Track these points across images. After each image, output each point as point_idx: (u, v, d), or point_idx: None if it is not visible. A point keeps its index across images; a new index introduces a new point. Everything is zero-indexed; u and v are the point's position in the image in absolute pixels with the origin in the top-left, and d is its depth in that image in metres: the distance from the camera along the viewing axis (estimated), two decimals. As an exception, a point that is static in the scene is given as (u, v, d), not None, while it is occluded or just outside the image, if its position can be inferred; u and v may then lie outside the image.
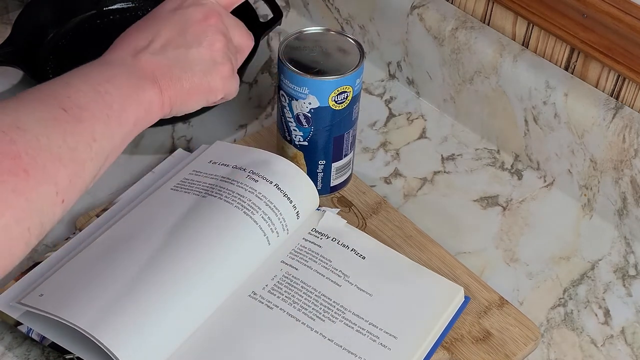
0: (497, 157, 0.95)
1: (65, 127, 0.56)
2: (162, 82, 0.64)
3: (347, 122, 0.82)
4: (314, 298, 0.75)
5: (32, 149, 0.53)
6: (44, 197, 0.53)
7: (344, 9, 1.05)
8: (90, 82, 0.60)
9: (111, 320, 0.67)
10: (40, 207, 0.53)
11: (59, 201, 0.55)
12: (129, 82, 0.62)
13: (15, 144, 0.52)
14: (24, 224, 0.52)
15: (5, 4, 1.08)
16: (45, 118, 0.55)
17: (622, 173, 0.84)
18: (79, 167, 0.56)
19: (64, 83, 0.59)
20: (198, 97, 0.67)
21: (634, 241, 0.86)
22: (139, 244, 0.74)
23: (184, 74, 0.66)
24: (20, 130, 0.53)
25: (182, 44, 0.67)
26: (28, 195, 0.52)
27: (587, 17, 0.83)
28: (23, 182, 0.52)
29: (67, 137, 0.55)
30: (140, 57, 0.64)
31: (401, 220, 0.85)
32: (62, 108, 0.56)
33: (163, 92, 0.64)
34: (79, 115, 0.57)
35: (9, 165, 0.51)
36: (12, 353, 0.73)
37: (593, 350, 0.77)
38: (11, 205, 0.51)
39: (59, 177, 0.54)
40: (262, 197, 0.78)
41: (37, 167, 0.53)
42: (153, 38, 0.66)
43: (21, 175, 0.52)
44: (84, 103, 0.58)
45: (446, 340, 0.75)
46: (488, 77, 0.92)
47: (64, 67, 0.98)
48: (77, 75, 0.60)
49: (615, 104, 0.84)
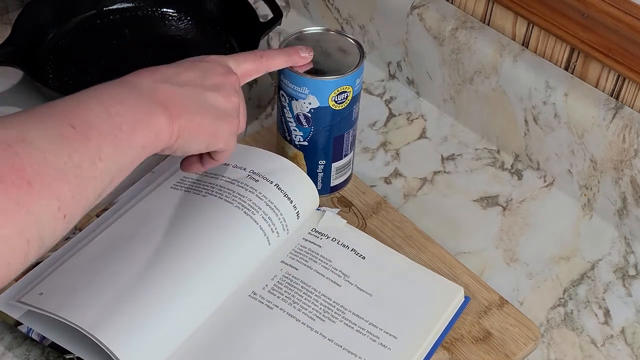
0: (497, 157, 0.95)
1: (71, 144, 0.56)
2: (174, 110, 0.64)
3: (347, 122, 0.82)
4: (314, 298, 0.75)
5: (36, 163, 0.53)
6: (46, 210, 0.53)
7: (344, 9, 1.05)
8: (102, 101, 0.60)
9: (111, 320, 0.67)
10: (41, 220, 0.53)
11: (60, 216, 0.54)
12: (142, 106, 0.62)
13: (20, 156, 0.52)
14: (24, 236, 0.52)
15: (5, 4, 1.08)
16: (53, 134, 0.55)
17: (622, 173, 0.84)
18: (83, 185, 0.56)
19: (77, 100, 0.59)
20: (204, 137, 0.68)
21: (634, 241, 0.86)
22: (138, 243, 0.74)
23: (197, 110, 0.66)
24: (26, 143, 0.53)
25: (201, 85, 0.68)
26: (29, 208, 0.52)
27: (587, 17, 0.83)
28: (26, 194, 0.52)
29: (72, 154, 0.55)
30: (159, 85, 0.65)
31: (401, 220, 0.85)
32: (71, 125, 0.56)
33: (174, 120, 0.64)
34: (87, 134, 0.57)
35: (12, 177, 0.51)
36: (12, 353, 0.73)
37: (593, 350, 0.77)
38: (12, 217, 0.51)
39: (62, 192, 0.54)
40: (263, 197, 0.78)
41: (40, 180, 0.53)
42: (175, 75, 0.67)
43: (24, 187, 0.52)
44: (94, 122, 0.58)
45: (446, 340, 0.75)
46: (488, 77, 0.92)
47: (64, 67, 0.99)
48: (91, 93, 0.61)
49: (615, 104, 0.84)
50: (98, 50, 1.02)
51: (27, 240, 0.52)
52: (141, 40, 1.04)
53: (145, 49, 1.03)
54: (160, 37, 1.05)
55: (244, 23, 1.03)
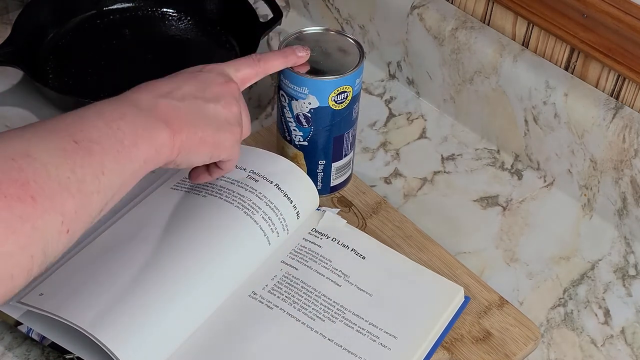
0: (497, 157, 0.95)
1: (75, 159, 0.56)
2: (175, 125, 0.64)
3: (347, 122, 0.82)
4: (314, 298, 0.75)
5: (40, 178, 0.53)
6: (50, 225, 0.53)
7: (344, 9, 1.05)
8: (104, 117, 0.60)
9: (111, 320, 0.67)
10: (45, 235, 0.53)
11: (64, 231, 0.55)
12: (143, 121, 0.62)
13: (24, 171, 0.53)
14: (28, 251, 0.52)
15: (5, 4, 1.08)
16: (56, 148, 0.56)
17: (622, 173, 0.84)
18: (86, 199, 0.56)
19: (79, 117, 0.60)
20: (206, 149, 0.68)
21: (634, 241, 0.86)
22: (139, 243, 0.74)
23: (198, 123, 0.67)
24: (30, 158, 0.54)
25: (201, 97, 0.68)
26: (34, 223, 0.52)
27: (587, 17, 0.83)
28: (30, 208, 0.52)
29: (76, 169, 0.56)
30: (159, 101, 0.65)
31: (401, 220, 0.85)
32: (74, 140, 0.57)
33: (175, 135, 0.64)
34: (89, 148, 0.57)
35: (16, 191, 0.52)
36: (12, 353, 0.73)
37: (593, 350, 0.77)
38: (16, 231, 0.51)
39: (65, 207, 0.54)
40: (263, 197, 0.78)
41: (44, 195, 0.53)
42: (174, 89, 0.67)
43: (28, 201, 0.52)
44: (96, 137, 0.58)
45: (446, 340, 0.75)
46: (488, 77, 0.92)
47: (64, 67, 0.99)
48: (93, 109, 0.61)
49: (615, 104, 0.84)
50: (98, 50, 1.02)
51: (31, 255, 0.53)
52: (141, 40, 1.04)
53: (145, 49, 1.03)
54: (160, 37, 1.05)
55: (244, 23, 1.03)
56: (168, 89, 0.67)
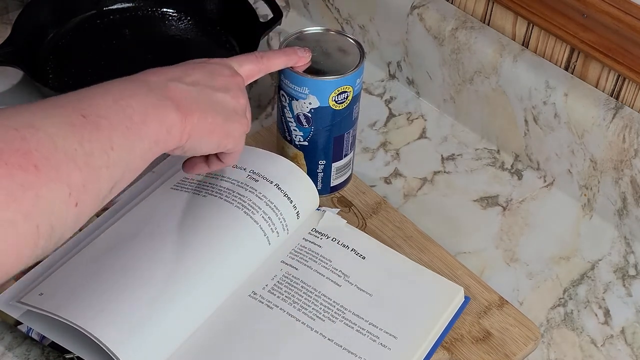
0: (497, 157, 0.95)
1: (82, 133, 0.55)
2: (185, 108, 0.63)
3: (347, 122, 0.82)
4: (314, 298, 0.75)
5: (44, 147, 0.52)
6: (55, 195, 0.52)
7: (344, 9, 1.05)
8: (113, 94, 0.59)
9: (111, 320, 0.67)
10: (50, 205, 0.51)
11: (72, 203, 0.53)
12: (153, 101, 0.61)
13: (27, 141, 0.51)
14: (33, 221, 0.50)
15: (5, 4, 1.08)
16: (62, 122, 0.54)
17: (622, 173, 0.84)
18: (95, 174, 0.55)
19: (87, 93, 0.59)
20: (216, 137, 0.67)
21: (634, 241, 0.86)
22: (139, 243, 0.74)
23: (208, 110, 0.66)
24: (33, 129, 0.52)
25: (210, 86, 0.68)
26: (37, 191, 0.50)
27: (587, 17, 0.83)
28: (32, 177, 0.50)
29: (83, 142, 0.54)
30: (169, 83, 0.64)
31: (401, 221, 0.85)
32: (82, 114, 0.55)
33: (186, 118, 0.63)
34: (97, 123, 0.56)
35: (18, 160, 0.50)
36: (12, 353, 0.73)
37: (593, 350, 0.77)
38: (17, 199, 0.49)
39: (72, 178, 0.53)
40: (263, 197, 0.78)
41: (49, 165, 0.51)
42: (184, 75, 0.67)
43: (31, 170, 0.50)
44: (104, 113, 0.57)
45: (446, 340, 0.75)
46: (488, 77, 0.92)
47: (64, 67, 0.99)
48: (102, 87, 0.60)
49: (615, 104, 0.84)
50: (98, 50, 1.02)
51: (37, 225, 0.51)
52: (141, 40, 1.04)
53: (145, 49, 1.03)
54: (160, 37, 1.05)
55: (244, 23, 1.03)
56: (178, 74, 0.66)
